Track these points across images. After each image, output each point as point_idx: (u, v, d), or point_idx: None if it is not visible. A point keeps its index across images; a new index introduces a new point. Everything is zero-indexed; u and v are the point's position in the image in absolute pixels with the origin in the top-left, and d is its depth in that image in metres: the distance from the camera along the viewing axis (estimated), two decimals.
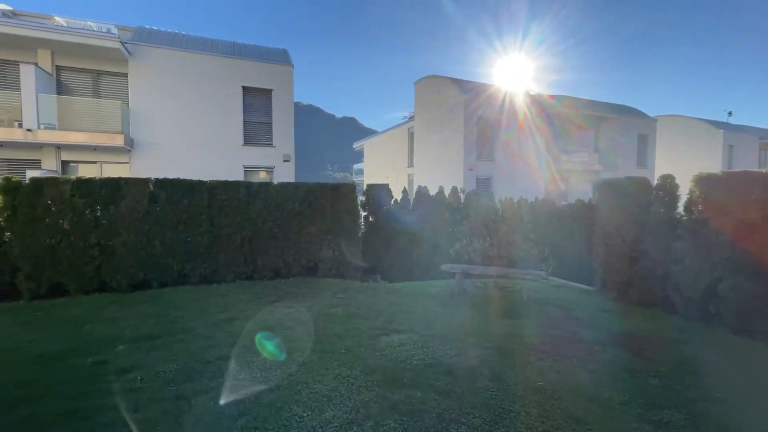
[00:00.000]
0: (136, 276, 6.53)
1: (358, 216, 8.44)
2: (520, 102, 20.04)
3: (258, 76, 14.62)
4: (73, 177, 6.28)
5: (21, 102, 11.28)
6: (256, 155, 14.65)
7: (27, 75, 11.24)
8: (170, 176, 7.01)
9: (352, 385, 3.10)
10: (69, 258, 6.10)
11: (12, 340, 4.13)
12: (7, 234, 5.94)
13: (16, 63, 11.67)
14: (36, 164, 12.19)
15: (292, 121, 15.34)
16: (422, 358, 3.63)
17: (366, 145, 34.24)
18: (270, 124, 15.06)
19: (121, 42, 12.20)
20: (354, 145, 37.52)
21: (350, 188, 8.34)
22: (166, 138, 13.25)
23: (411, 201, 9.81)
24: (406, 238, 9.32)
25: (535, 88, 21.08)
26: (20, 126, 11.19)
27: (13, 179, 5.98)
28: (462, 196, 9.86)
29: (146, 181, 6.72)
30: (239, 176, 13.90)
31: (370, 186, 9.29)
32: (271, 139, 14.99)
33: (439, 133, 21.05)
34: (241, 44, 15.88)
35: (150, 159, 12.98)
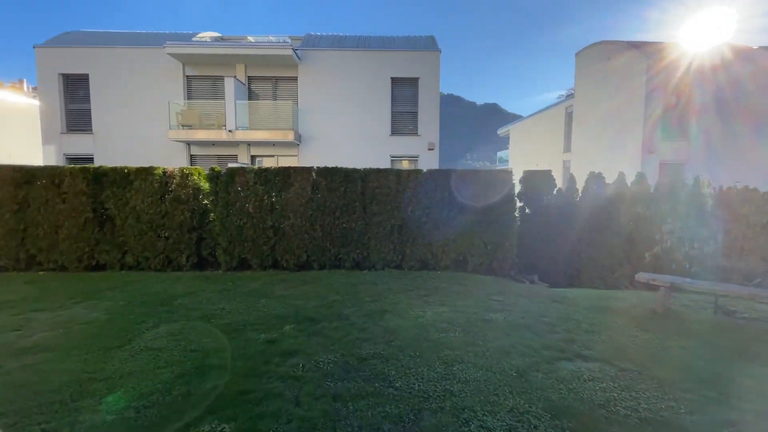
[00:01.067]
0: (300, 257, 7.14)
1: (514, 207, 7.42)
2: (729, 62, 14.88)
3: (405, 65, 14.67)
4: (255, 167, 7.20)
5: (225, 109, 13.90)
6: (402, 144, 14.82)
7: (229, 86, 13.75)
8: (332, 166, 7.38)
9: (534, 428, 2.38)
10: (252, 237, 7.05)
11: (211, 306, 4.83)
12: (211, 215, 7.21)
13: (222, 77, 14.41)
14: (234, 158, 14.93)
15: (437, 108, 14.94)
16: (632, 407, 2.61)
17: (512, 130, 31.56)
18: (415, 113, 15.00)
19: (293, 49, 13.80)
20: (498, 131, 35.09)
21: (506, 175, 7.37)
22: (325, 131, 14.56)
23: (580, 190, 8.17)
24: (572, 235, 7.81)
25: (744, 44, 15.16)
26: (225, 128, 13.85)
27: (215, 169, 7.20)
28: (651, 185, 7.68)
29: (309, 169, 7.23)
30: (387, 165, 14.32)
31: (528, 173, 8.08)
32: (416, 127, 14.93)
33: (607, 111, 17.51)
34: (390, 37, 16.22)
35: (313, 151, 14.50)
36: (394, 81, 14.75)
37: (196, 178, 7.21)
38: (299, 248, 7.11)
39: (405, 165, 14.96)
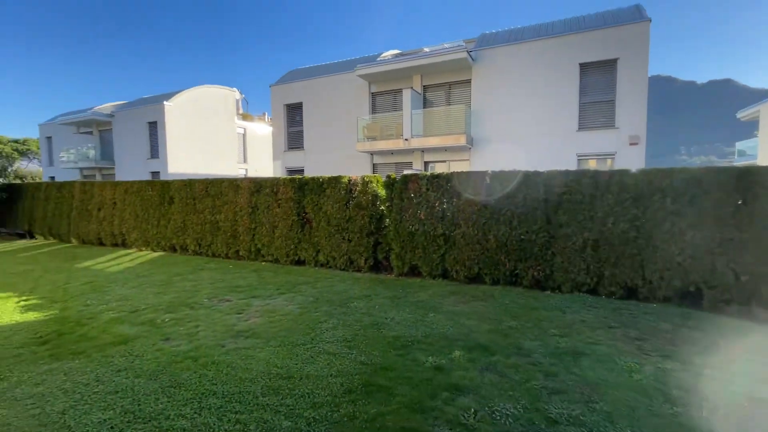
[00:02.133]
0: (471, 269, 6.63)
1: None
2: None
3: (598, 46, 12.24)
4: (428, 173, 7.12)
5: (402, 119, 14.73)
6: (593, 140, 12.41)
7: (406, 97, 14.50)
8: (509, 169, 6.64)
9: None
10: (423, 244, 6.98)
11: (382, 314, 4.88)
12: (386, 220, 7.52)
13: (400, 90, 15.33)
14: (409, 165, 15.68)
15: (644, 92, 11.90)
16: None
17: (763, 110, 22.58)
18: (612, 102, 12.34)
19: (467, 51, 13.45)
20: (739, 114, 25.71)
21: None
22: (499, 132, 13.61)
23: None
24: None
25: None
26: (402, 137, 14.69)
27: (392, 177, 7.48)
28: None
29: (482, 174, 6.65)
30: (572, 166, 12.26)
31: None
32: (612, 119, 12.27)
33: None
34: (578, 18, 13.90)
35: (485, 154, 13.78)
36: (584, 67, 12.52)
37: (374, 185, 7.66)
38: (470, 259, 6.62)
39: (592, 165, 12.50)
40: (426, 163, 15.33)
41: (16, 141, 43.09)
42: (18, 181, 19.62)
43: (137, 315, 4.81)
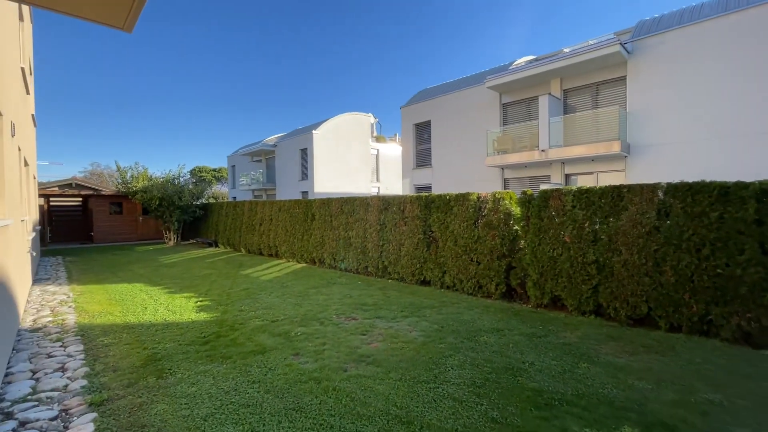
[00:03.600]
0: (637, 307, 5.22)
1: None
2: None
3: None
4: (574, 188, 6.02)
5: (538, 129, 13.36)
6: None
7: (543, 104, 13.13)
8: (675, 180, 5.09)
9: None
10: (567, 272, 5.86)
11: (518, 355, 4.13)
12: (521, 242, 6.63)
13: (536, 98, 13.98)
14: (546, 179, 14.06)
15: None
16: None
17: None
18: None
19: (620, 43, 11.40)
20: None
21: None
22: (667, 135, 10.97)
23: None
24: None
25: None
26: (537, 148, 13.30)
27: (528, 192, 6.60)
28: None
29: (653, 187, 5.23)
30: None
31: None
32: None
33: None
34: None
35: (647, 162, 11.29)
36: None
37: (507, 202, 6.89)
38: (635, 295, 5.21)
39: None
40: (567, 176, 13.46)
41: (214, 170, 56.11)
42: (213, 201, 25.50)
43: (276, 325, 5.22)
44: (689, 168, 10.06)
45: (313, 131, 24.95)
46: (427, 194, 8.12)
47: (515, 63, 16.73)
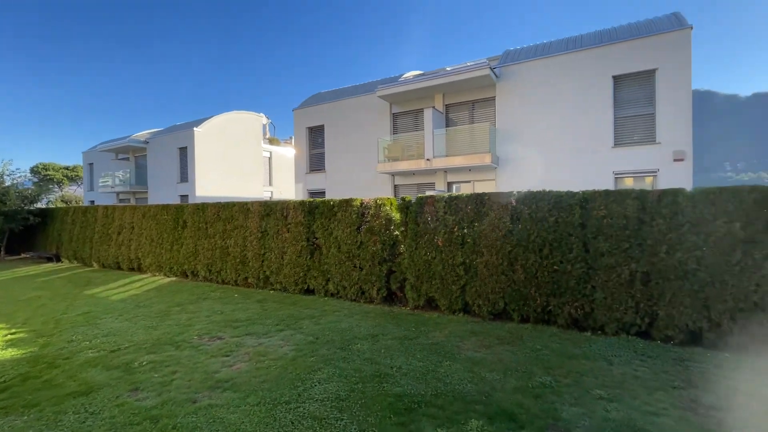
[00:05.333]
0: (496, 303, 5.80)
1: None
2: None
3: (634, 57, 11.36)
4: (445, 195, 6.45)
5: (424, 139, 14.23)
6: (631, 157, 11.35)
7: (427, 116, 14.03)
8: (538, 189, 5.87)
9: None
10: (440, 274, 6.23)
11: (388, 360, 4.15)
12: (401, 247, 6.86)
13: (422, 110, 14.90)
14: (431, 186, 15.05)
15: (688, 104, 10.85)
16: None
17: None
18: (651, 115, 11.32)
19: (490, 68, 12.89)
20: None
21: None
22: (527, 150, 12.79)
23: None
24: None
25: None
26: (424, 157, 14.14)
27: (406, 199, 6.86)
28: None
29: (508, 195, 5.91)
30: (609, 185, 11.21)
31: None
32: (652, 134, 11.22)
33: None
34: (611, 29, 13.11)
35: (512, 173, 12.97)
36: (618, 80, 11.64)
37: (388, 208, 7.06)
38: (495, 292, 5.79)
39: (628, 184, 11.40)
40: (450, 184, 14.66)
41: (66, 168, 46.30)
42: (62, 205, 20.69)
43: (116, 356, 4.34)
44: (543, 178, 11.80)
45: (195, 128, 22.49)
46: (311, 200, 7.87)
47: (404, 76, 17.66)
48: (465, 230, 6.19)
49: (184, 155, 23.12)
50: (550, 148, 12.36)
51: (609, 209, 5.17)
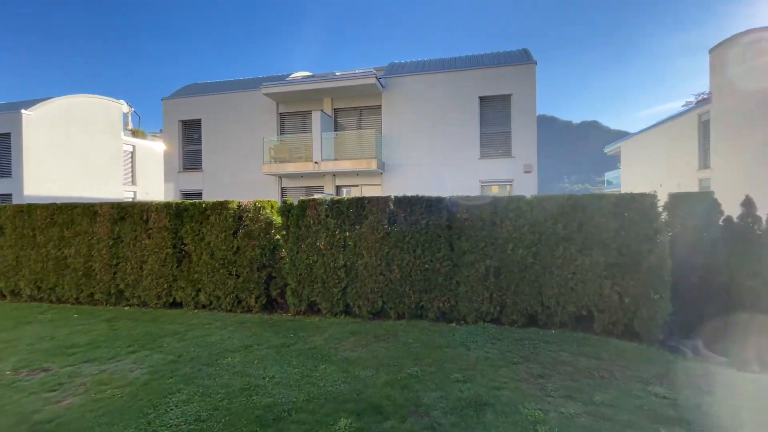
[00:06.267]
0: (375, 303, 6.04)
1: (664, 244, 5.33)
2: None
3: (495, 82, 13.28)
4: (328, 198, 6.47)
5: (312, 141, 14.06)
6: (493, 168, 13.20)
7: (316, 119, 13.93)
8: (412, 194, 6.31)
9: None
10: (322, 277, 6.21)
11: (260, 371, 3.94)
12: (282, 251, 6.62)
13: (310, 112, 14.74)
14: (320, 189, 14.96)
15: (534, 125, 13.11)
16: None
17: (623, 147, 27.06)
18: (508, 133, 13.34)
19: (376, 78, 13.49)
20: (606, 150, 30.56)
21: (648, 200, 5.37)
22: (409, 157, 13.75)
23: (764, 219, 5.70)
24: (754, 283, 5.38)
25: None
26: (312, 160, 13.96)
27: (288, 202, 6.66)
28: None
29: (386, 199, 6.23)
30: (476, 192, 12.82)
31: (677, 198, 5.92)
32: (509, 149, 13.23)
33: (763, 115, 13.53)
34: (477, 56, 15.07)
35: (396, 179, 13.75)
36: (483, 100, 13.42)
37: (268, 211, 6.75)
38: (374, 292, 6.03)
39: (495, 191, 13.27)
40: (338, 187, 14.80)
41: None
42: None
43: None
44: (423, 184, 12.73)
45: (24, 110, 18.05)
46: (178, 201, 7.03)
47: (292, 76, 17.23)
48: (347, 233, 6.30)
49: (7, 143, 18.37)
50: (429, 156, 13.53)
51: (470, 213, 5.88)
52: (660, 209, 5.54)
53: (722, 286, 5.61)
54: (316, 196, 12.65)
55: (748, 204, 5.81)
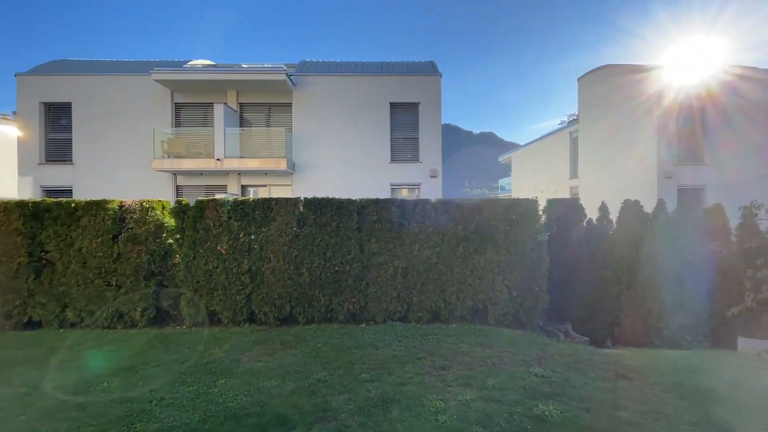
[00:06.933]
0: (282, 308, 5.79)
1: (543, 244, 6.16)
2: (740, 85, 14.13)
3: (404, 90, 13.91)
4: (230, 199, 6.01)
5: (214, 136, 12.95)
6: (403, 172, 13.79)
7: (218, 112, 12.86)
8: (323, 196, 6.21)
9: None
10: (223, 284, 5.73)
11: (147, 393, 3.46)
12: (176, 257, 5.95)
13: (212, 104, 13.56)
14: (223, 189, 13.85)
15: (439, 134, 14.04)
16: None
17: (513, 157, 30.75)
18: (416, 139, 14.07)
19: (287, 74, 13.01)
20: (499, 159, 34.38)
21: (531, 205, 6.16)
22: (320, 159, 13.57)
23: (614, 221, 6.97)
24: (608, 274, 6.54)
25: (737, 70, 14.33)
26: (214, 157, 12.84)
27: (183, 202, 6.00)
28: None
29: (295, 201, 6.03)
30: (386, 194, 13.23)
31: (553, 203, 6.91)
32: (417, 154, 13.96)
33: (615, 135, 16.68)
34: (389, 62, 15.62)
35: (307, 180, 13.43)
36: (394, 106, 13.92)
37: (159, 212, 5.99)
38: (281, 297, 5.78)
39: (405, 194, 13.89)
40: (244, 187, 13.88)
41: None
42: None
43: None
44: (335, 186, 12.64)
45: None
46: (36, 200, 5.82)
47: (191, 63, 15.66)
48: (252, 236, 5.93)
49: None
50: (341, 158, 13.53)
51: (379, 215, 6.02)
52: (540, 213, 6.39)
53: (585, 278, 6.70)
54: (218, 196, 11.69)
55: (603, 209, 7.05)
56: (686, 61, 15.48)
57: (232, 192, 13.55)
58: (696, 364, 4.50)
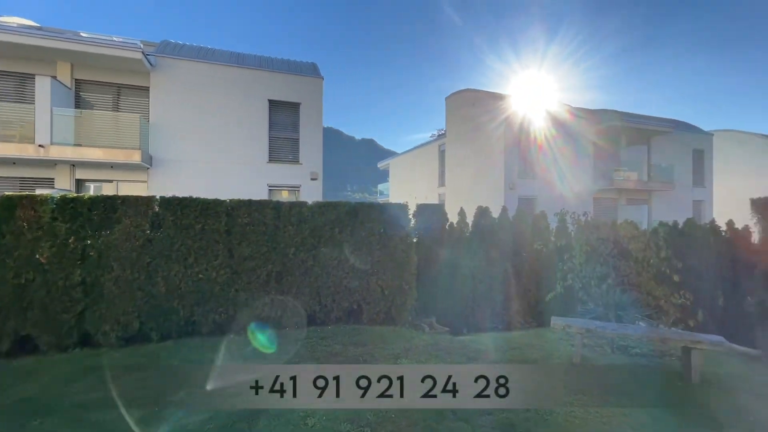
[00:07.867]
0: (129, 325, 4.93)
1: (412, 244, 6.70)
2: (562, 117, 18.24)
3: (285, 89, 13.48)
4: (56, 196, 4.85)
5: (35, 116, 10.31)
6: (282, 173, 13.31)
7: (42, 87, 10.30)
8: (185, 195, 5.50)
9: None
10: (43, 301, 4.58)
11: None
12: None
13: (33, 76, 10.80)
14: (49, 183, 11.16)
15: (320, 137, 14.04)
16: None
17: (391, 164, 32.89)
18: (297, 140, 13.78)
19: (143, 53, 11.23)
20: (379, 165, 36.30)
21: (403, 209, 6.65)
22: (186, 154, 12.08)
23: (470, 225, 8.04)
24: (465, 271, 7.52)
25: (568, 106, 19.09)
26: (34, 142, 10.19)
27: None
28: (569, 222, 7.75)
29: (149, 200, 5.22)
30: (263, 196, 12.53)
31: (421, 207, 7.58)
32: (297, 155, 13.67)
33: (474, 150, 19.43)
34: (268, 57, 14.91)
35: (170, 177, 11.78)
36: (273, 104, 13.34)
37: None
38: (128, 313, 4.91)
39: (285, 195, 13.45)
40: (80, 182, 11.39)
41: None
42: None
43: None
44: (203, 185, 11.36)
45: None
46: None
47: (3, 19, 12.21)
48: (88, 241, 4.90)
49: None
50: (212, 154, 12.30)
51: (252, 217, 5.67)
52: (410, 216, 6.95)
53: (447, 274, 7.53)
54: (39, 191, 9.33)
55: (461, 214, 8.05)
56: (525, 93, 19.00)
57: (61, 188, 10.99)
58: (526, 342, 5.51)
